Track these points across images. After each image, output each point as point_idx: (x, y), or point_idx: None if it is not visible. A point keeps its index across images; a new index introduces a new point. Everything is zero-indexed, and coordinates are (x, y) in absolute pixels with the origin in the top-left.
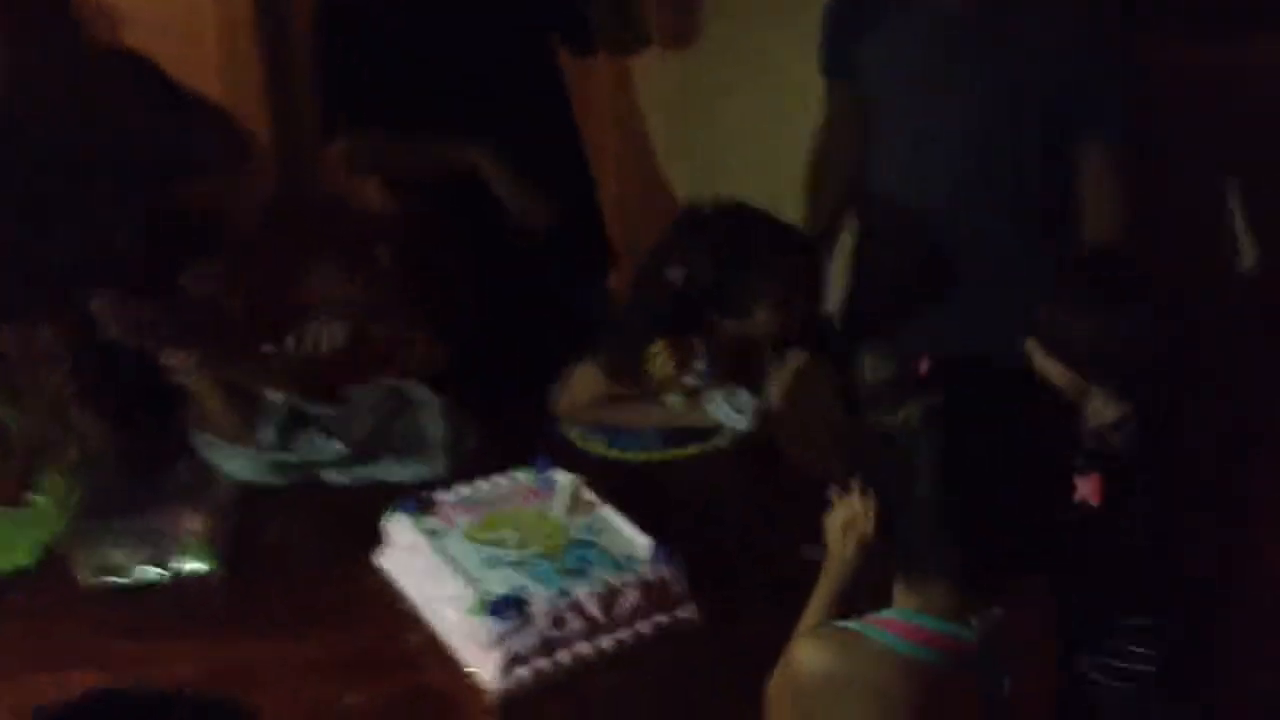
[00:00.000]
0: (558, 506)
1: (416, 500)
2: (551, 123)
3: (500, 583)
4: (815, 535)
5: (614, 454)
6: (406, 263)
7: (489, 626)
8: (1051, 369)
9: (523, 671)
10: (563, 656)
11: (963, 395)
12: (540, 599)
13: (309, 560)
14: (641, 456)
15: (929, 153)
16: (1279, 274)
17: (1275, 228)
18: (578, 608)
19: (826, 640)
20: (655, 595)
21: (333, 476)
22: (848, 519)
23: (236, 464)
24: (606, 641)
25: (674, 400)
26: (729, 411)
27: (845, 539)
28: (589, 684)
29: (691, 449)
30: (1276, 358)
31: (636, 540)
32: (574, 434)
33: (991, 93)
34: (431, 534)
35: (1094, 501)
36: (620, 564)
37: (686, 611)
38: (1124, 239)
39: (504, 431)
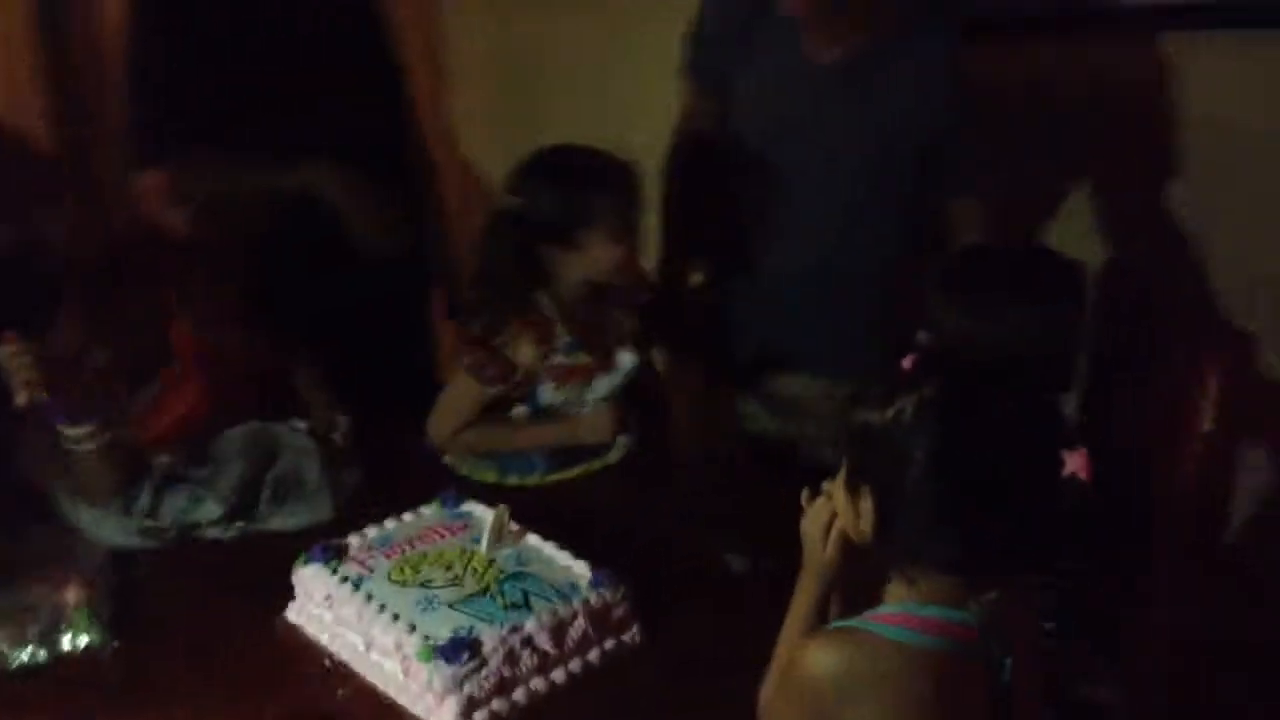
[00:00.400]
0: (483, 539)
1: (324, 548)
2: (378, 140)
3: (442, 625)
4: (728, 542)
5: (510, 481)
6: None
7: (442, 671)
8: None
9: (479, 715)
10: (518, 695)
11: (956, 386)
12: (490, 637)
13: (207, 624)
14: (536, 480)
15: (795, 192)
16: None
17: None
18: (529, 642)
19: (836, 641)
20: (601, 621)
21: (212, 532)
22: (826, 521)
23: (108, 529)
24: (558, 675)
25: (551, 391)
26: (612, 377)
27: (825, 541)
28: None
29: (587, 466)
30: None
31: (572, 567)
32: (460, 464)
33: (858, 141)
34: (351, 581)
35: (1083, 476)
36: (562, 593)
37: (630, 634)
38: None
39: (379, 467)
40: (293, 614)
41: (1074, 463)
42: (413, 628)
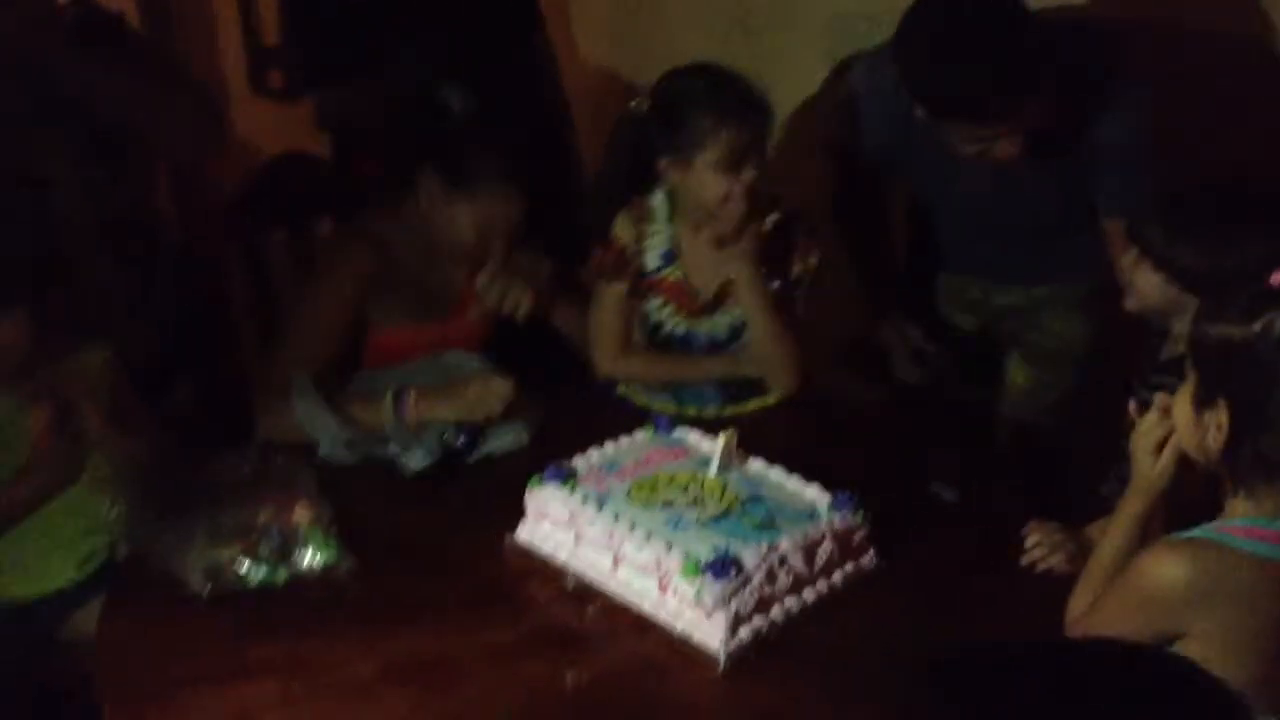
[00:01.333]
0: (713, 462)
1: (558, 470)
2: (529, 77)
3: (698, 542)
4: (936, 472)
5: (689, 411)
6: None
7: (711, 587)
8: (1150, 281)
9: (744, 631)
10: (775, 613)
11: None
12: (750, 555)
13: (435, 543)
14: (714, 413)
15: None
16: None
17: None
18: (784, 561)
19: (1189, 550)
20: (844, 544)
21: (414, 460)
22: (1160, 437)
23: (322, 430)
24: (809, 594)
25: (656, 306)
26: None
27: (1156, 456)
28: (799, 638)
29: (761, 400)
30: None
31: (806, 491)
32: (634, 395)
33: (1042, 196)
34: (594, 500)
35: None
36: (805, 516)
37: (868, 558)
38: None
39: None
40: (523, 534)
41: None
42: (670, 545)
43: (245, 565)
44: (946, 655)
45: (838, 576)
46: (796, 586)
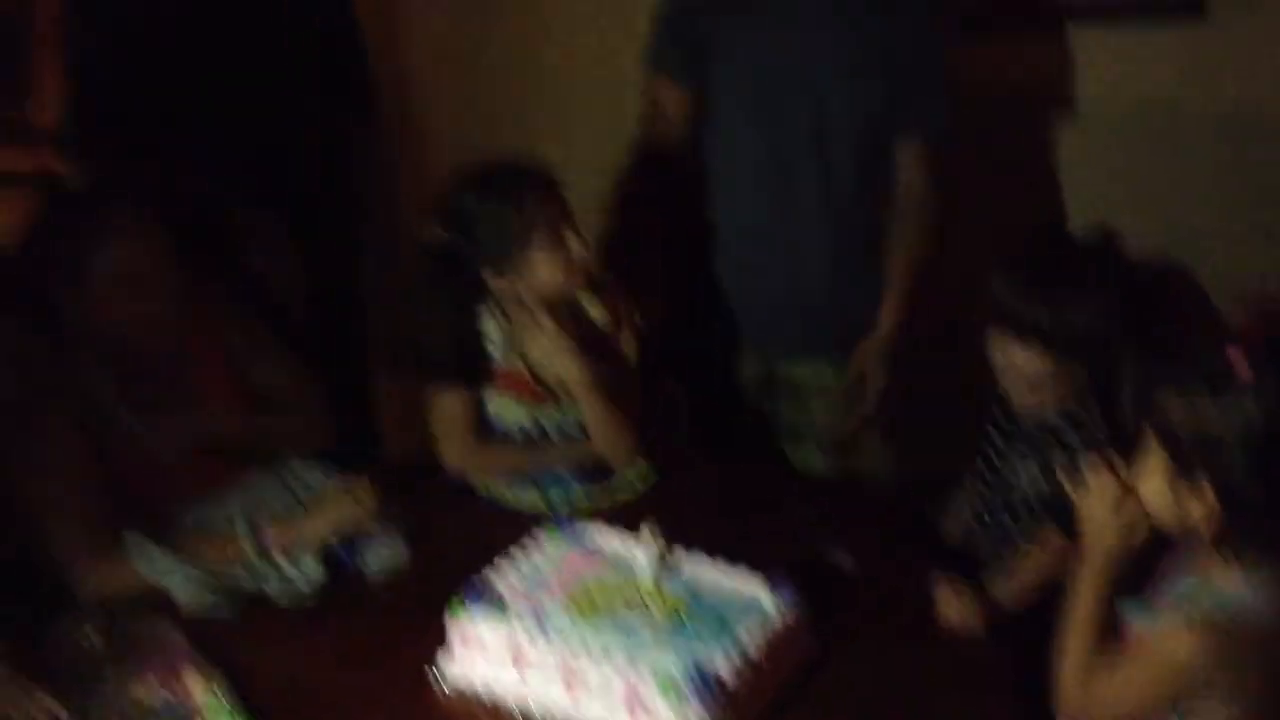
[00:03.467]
0: (645, 565)
1: (480, 594)
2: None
3: (663, 656)
4: (829, 542)
5: (553, 498)
6: None
7: (694, 706)
8: (1019, 356)
9: None
10: (750, 714)
11: None
12: (722, 664)
13: (347, 688)
14: (580, 502)
15: (774, 141)
16: None
17: None
18: (752, 662)
19: (1204, 631)
20: (793, 632)
21: (288, 599)
22: (1117, 502)
23: (183, 589)
24: (772, 689)
25: (497, 398)
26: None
27: (1120, 524)
28: None
29: (631, 490)
30: None
31: (740, 580)
32: (495, 489)
33: (836, 90)
34: (535, 626)
35: None
36: (753, 609)
37: (809, 643)
38: (935, 222)
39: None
40: (450, 666)
41: None
42: (634, 663)
43: None
44: None
45: (789, 665)
46: (762, 685)
